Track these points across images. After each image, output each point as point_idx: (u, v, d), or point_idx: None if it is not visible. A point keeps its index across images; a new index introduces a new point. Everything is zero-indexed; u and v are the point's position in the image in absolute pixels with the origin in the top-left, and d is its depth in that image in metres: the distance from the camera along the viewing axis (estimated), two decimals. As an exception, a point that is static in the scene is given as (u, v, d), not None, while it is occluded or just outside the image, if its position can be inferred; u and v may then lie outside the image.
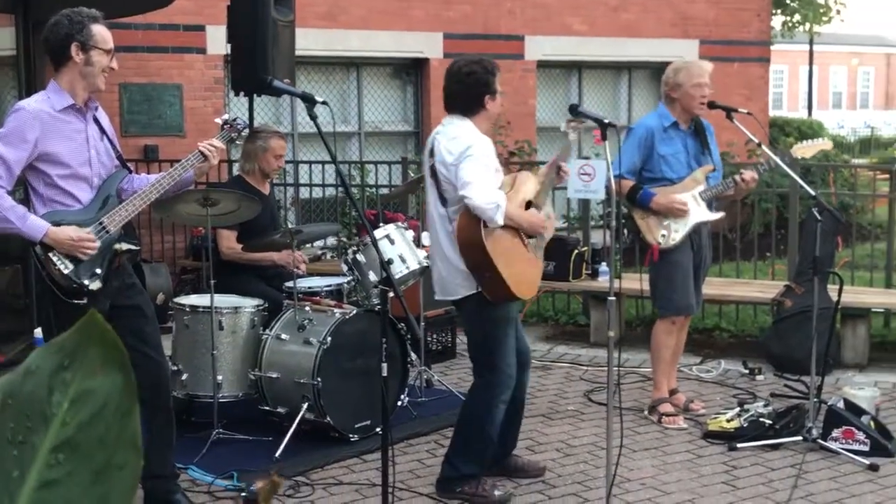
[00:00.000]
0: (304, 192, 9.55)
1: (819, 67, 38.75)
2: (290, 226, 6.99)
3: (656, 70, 12.21)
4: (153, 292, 8.05)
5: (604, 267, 7.33)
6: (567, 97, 12.35)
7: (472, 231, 4.17)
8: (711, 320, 7.65)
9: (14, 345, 6.67)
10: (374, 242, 3.62)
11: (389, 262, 4.67)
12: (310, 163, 9.10)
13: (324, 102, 3.75)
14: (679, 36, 12.61)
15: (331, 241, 8.81)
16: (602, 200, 8.31)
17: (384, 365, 3.64)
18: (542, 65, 11.92)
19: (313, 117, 3.71)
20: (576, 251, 7.32)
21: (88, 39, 3.84)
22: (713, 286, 7.35)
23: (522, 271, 4.35)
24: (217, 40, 8.84)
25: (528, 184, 4.50)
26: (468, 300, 4.32)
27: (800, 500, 4.48)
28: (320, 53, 10.41)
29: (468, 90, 4.34)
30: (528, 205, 4.46)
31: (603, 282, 7.14)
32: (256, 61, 6.66)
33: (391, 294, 3.63)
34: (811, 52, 27.74)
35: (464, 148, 4.20)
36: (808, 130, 17.16)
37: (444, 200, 4.30)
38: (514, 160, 9.97)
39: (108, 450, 0.74)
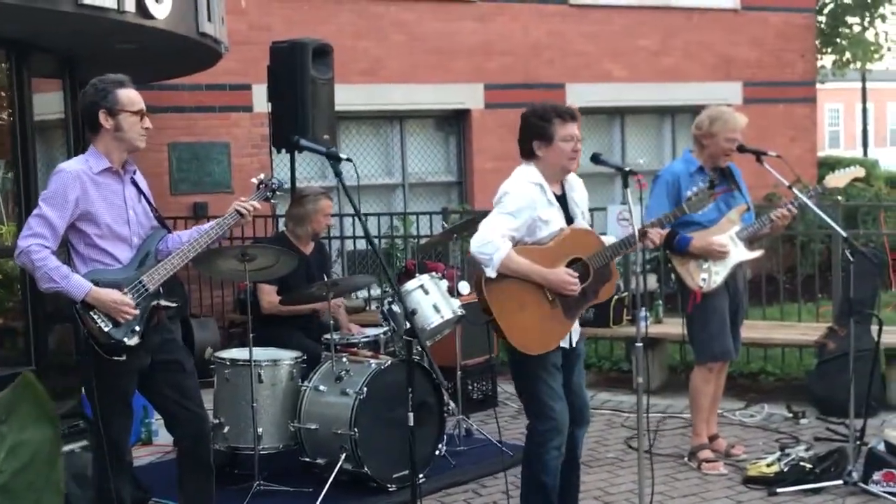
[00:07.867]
0: (352, 245, 9.69)
1: (875, 105, 38.29)
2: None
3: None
4: (202, 346, 8.21)
5: (644, 313, 7.29)
6: (610, 143, 12.40)
7: (478, 275, 4.20)
8: (757, 364, 7.59)
9: (64, 402, 6.81)
10: (398, 293, 3.71)
11: (413, 312, 4.71)
12: (353, 216, 9.22)
13: (347, 159, 3.87)
14: (722, 79, 12.63)
15: (375, 292, 8.91)
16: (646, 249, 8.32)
17: (410, 415, 3.70)
18: (584, 112, 11.93)
19: (338, 173, 3.82)
20: (615, 297, 7.32)
21: (115, 105, 3.98)
22: (758, 329, 7.31)
23: (531, 325, 4.17)
24: (262, 98, 9.06)
25: (587, 241, 4.36)
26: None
27: (839, 544, 4.43)
28: (363, 108, 10.62)
29: (521, 134, 4.36)
30: (574, 262, 4.26)
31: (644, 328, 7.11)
32: (296, 119, 6.87)
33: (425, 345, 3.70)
34: (864, 90, 27.45)
35: (501, 194, 4.24)
36: (860, 169, 16.94)
37: None
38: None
39: (37, 493, 0.82)
